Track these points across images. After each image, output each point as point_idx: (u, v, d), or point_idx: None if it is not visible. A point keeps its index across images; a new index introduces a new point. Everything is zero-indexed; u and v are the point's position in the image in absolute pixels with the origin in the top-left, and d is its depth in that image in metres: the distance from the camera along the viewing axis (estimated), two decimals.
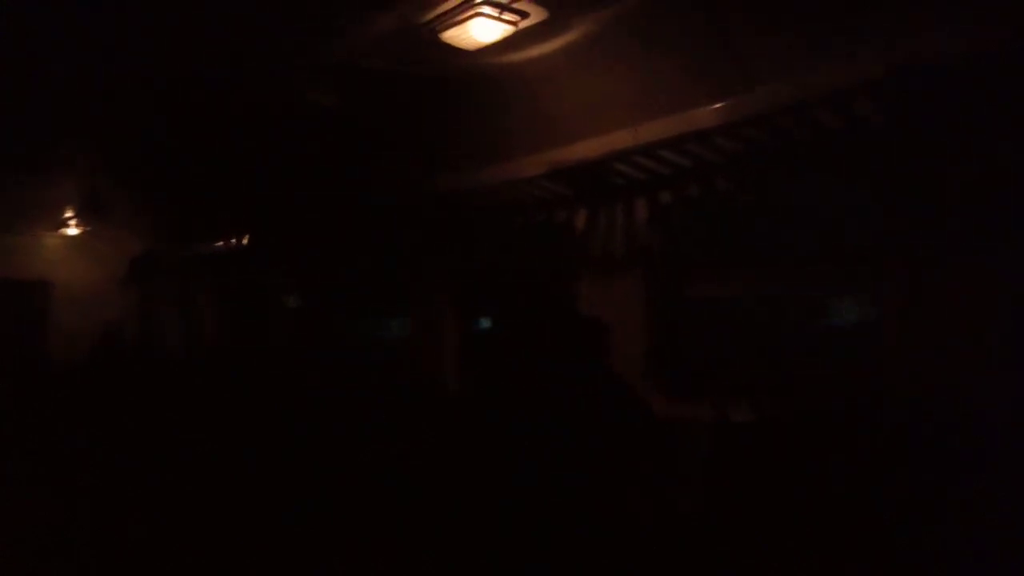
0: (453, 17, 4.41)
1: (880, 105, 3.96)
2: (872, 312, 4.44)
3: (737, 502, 4.24)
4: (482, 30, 4.49)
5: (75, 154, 8.11)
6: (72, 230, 10.79)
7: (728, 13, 4.23)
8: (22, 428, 8.96)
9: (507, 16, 4.35)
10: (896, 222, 4.15)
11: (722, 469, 4.46)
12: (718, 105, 4.42)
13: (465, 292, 7.04)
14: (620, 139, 4.81)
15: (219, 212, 9.58)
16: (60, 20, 4.96)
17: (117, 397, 9.42)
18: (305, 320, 9.27)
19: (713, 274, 5.27)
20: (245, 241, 9.42)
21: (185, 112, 6.74)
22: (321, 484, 6.24)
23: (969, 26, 3.55)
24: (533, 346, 6.39)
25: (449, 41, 4.69)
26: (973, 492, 3.47)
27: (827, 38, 4.03)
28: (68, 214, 10.33)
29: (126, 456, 8.01)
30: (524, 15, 4.37)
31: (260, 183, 8.28)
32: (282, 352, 9.22)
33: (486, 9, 4.29)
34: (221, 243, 9.80)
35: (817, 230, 4.62)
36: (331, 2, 4.66)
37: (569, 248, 5.75)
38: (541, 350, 6.00)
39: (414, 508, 5.43)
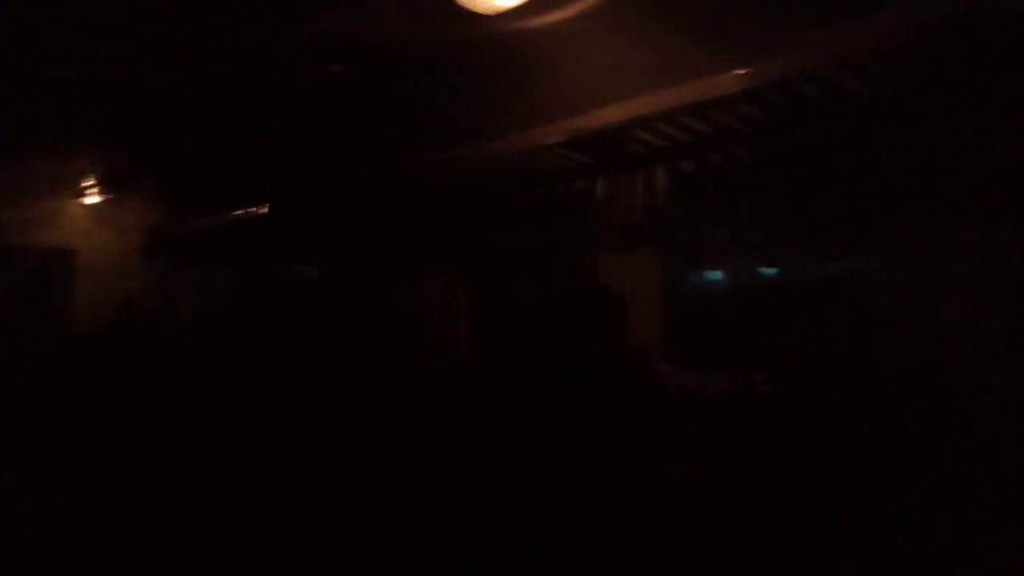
0: None
1: (905, 75, 3.86)
2: (887, 287, 4.37)
3: (757, 476, 4.21)
4: None
5: (97, 122, 8.11)
6: (93, 198, 10.80)
7: None
8: (40, 400, 9.00)
9: None
10: (916, 197, 4.07)
11: (742, 443, 4.43)
12: (742, 71, 4.33)
13: (481, 265, 6.99)
14: (641, 106, 4.74)
15: (238, 185, 9.57)
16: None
17: (136, 369, 9.44)
18: (319, 295, 9.26)
19: (731, 246, 5.21)
20: (263, 214, 9.42)
21: (206, 83, 6.72)
22: (351, 471, 6.18)
23: None
24: (550, 321, 6.35)
25: (466, 5, 4.61)
26: (992, 471, 3.43)
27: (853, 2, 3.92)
28: (89, 181, 10.34)
29: (145, 433, 8.03)
30: None
31: (280, 157, 8.25)
32: (297, 329, 9.21)
33: None
34: (240, 216, 9.79)
35: (839, 203, 4.54)
36: None
37: (588, 219, 5.70)
38: (558, 325, 5.96)
39: (426, 488, 5.41)
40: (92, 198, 10.82)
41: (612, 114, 4.94)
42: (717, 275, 5.44)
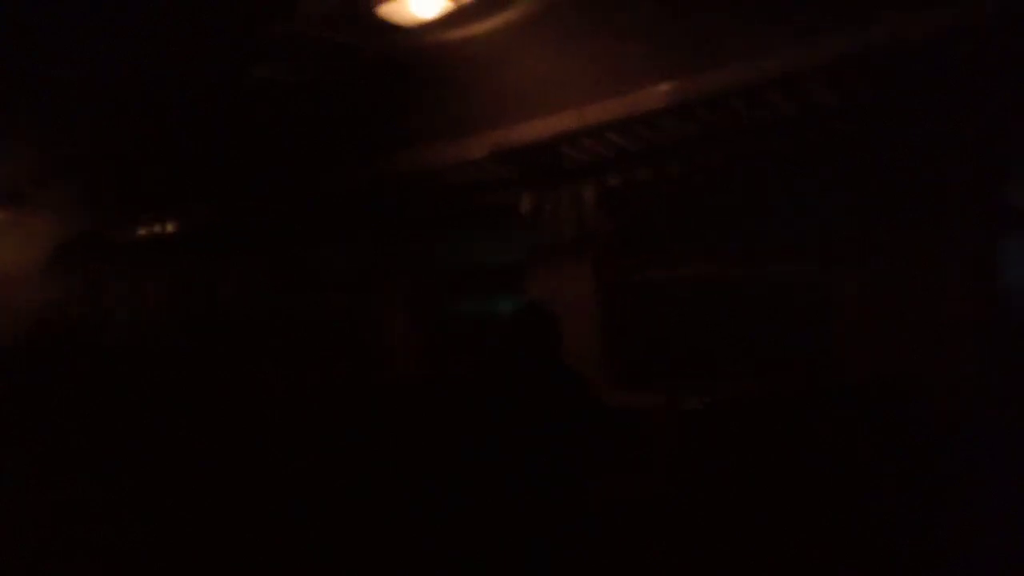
0: None
1: (834, 89, 3.92)
2: (826, 298, 4.41)
3: (692, 490, 4.20)
4: (421, 5, 4.31)
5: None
6: None
7: None
8: None
9: None
10: (850, 208, 4.13)
11: (675, 457, 4.41)
12: (666, 87, 4.31)
13: (412, 278, 6.87)
14: (566, 120, 4.68)
15: (153, 194, 9.20)
16: None
17: (43, 387, 9.11)
18: (249, 307, 9.00)
19: (664, 259, 5.19)
20: (178, 226, 9.10)
21: (118, 88, 6.43)
22: (265, 480, 6.06)
23: (931, 11, 3.51)
24: (482, 334, 6.28)
25: (386, 17, 4.49)
26: (929, 477, 3.49)
27: (782, 21, 3.97)
28: None
29: (53, 448, 7.74)
30: None
31: (197, 164, 7.97)
32: (218, 343, 8.93)
33: None
34: (154, 228, 9.45)
35: (768, 215, 4.58)
36: None
37: (517, 232, 5.62)
38: (490, 338, 5.86)
39: (371, 502, 5.31)
40: None
41: (539, 128, 4.87)
42: (650, 290, 5.41)
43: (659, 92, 4.31)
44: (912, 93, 3.79)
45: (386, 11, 4.43)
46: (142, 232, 9.85)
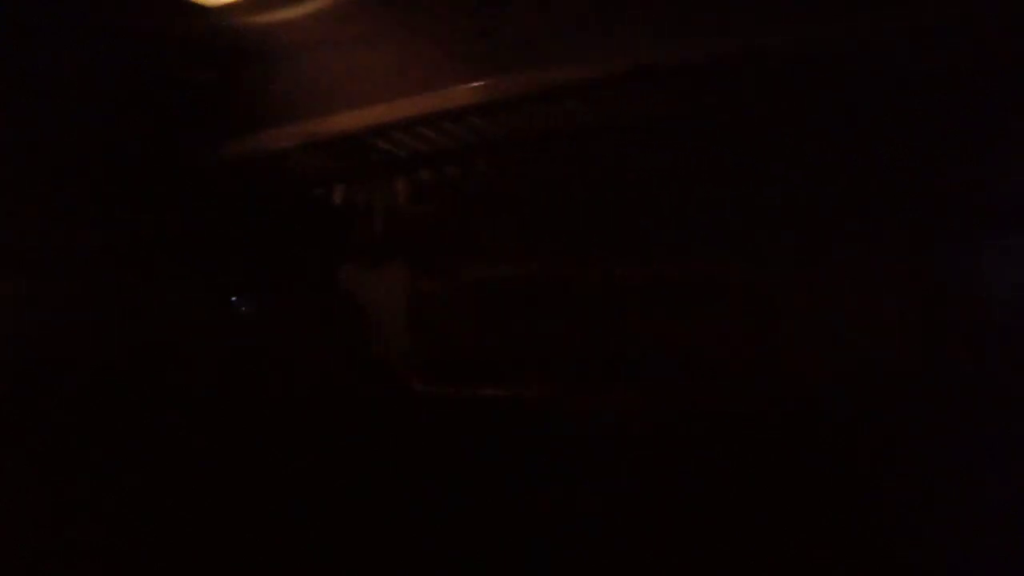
0: None
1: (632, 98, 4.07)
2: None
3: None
4: None
5: None
6: None
7: None
8: None
9: None
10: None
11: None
12: (476, 84, 4.37)
13: (222, 272, 6.56)
14: (376, 112, 4.65)
15: None
16: None
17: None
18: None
19: (479, 257, 5.25)
20: None
21: None
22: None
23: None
24: (292, 330, 6.09)
25: None
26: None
27: (588, 27, 4.11)
28: None
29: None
30: None
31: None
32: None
33: None
34: None
35: (578, 214, 4.72)
36: None
37: (329, 226, 5.52)
38: (300, 335, 5.70)
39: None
40: None
41: (350, 119, 4.81)
42: (463, 285, 5.45)
43: (468, 90, 4.37)
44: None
45: None
46: None
